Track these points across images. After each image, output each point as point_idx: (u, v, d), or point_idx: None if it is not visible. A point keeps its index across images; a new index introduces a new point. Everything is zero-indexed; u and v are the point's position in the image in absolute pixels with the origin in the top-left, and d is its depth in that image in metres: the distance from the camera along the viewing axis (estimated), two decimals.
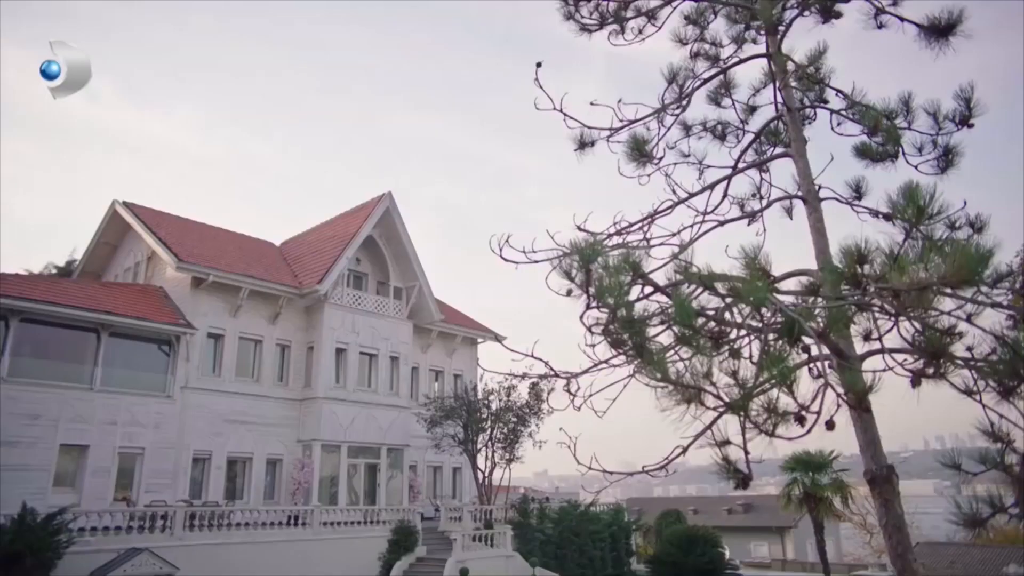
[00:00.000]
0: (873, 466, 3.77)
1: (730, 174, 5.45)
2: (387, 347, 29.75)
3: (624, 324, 3.33)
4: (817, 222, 4.45)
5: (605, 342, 3.84)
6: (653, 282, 3.46)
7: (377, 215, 30.32)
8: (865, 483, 19.62)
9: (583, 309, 3.46)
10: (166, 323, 24.48)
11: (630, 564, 33.55)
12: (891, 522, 3.78)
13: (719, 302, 3.34)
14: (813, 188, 4.78)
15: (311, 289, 27.60)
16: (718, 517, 50.00)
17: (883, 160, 5.01)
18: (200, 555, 20.02)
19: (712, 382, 3.06)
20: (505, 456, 30.19)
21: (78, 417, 21.95)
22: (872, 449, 3.77)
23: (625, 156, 5.65)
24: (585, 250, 3.17)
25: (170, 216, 30.35)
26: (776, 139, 5.98)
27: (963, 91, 4.80)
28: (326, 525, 23.96)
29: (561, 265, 3.32)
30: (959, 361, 3.20)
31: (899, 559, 3.78)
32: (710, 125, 6.11)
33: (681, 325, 2.95)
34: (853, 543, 56.20)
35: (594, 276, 3.20)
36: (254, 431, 26.13)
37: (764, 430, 2.91)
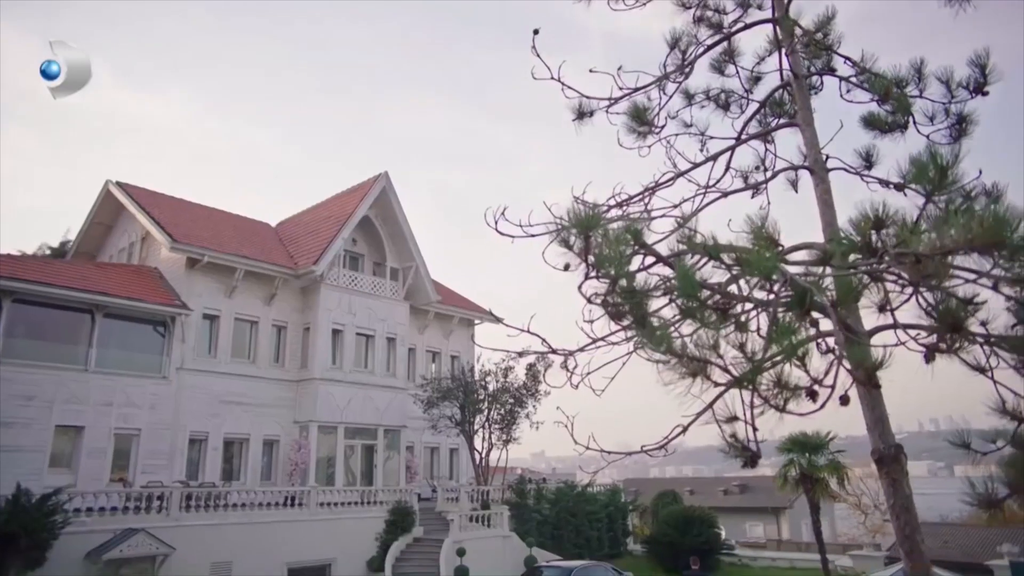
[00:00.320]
0: (881, 445, 3.65)
1: (733, 145, 5.27)
2: (384, 328, 29.63)
3: (625, 295, 3.17)
4: (824, 193, 4.29)
5: (604, 316, 3.71)
6: (655, 252, 3.31)
7: (373, 195, 30.07)
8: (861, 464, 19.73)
9: (582, 279, 3.31)
10: (161, 304, 24.31)
11: (626, 544, 33.73)
12: (899, 503, 3.67)
13: (723, 275, 3.20)
14: (820, 158, 4.61)
15: (307, 270, 27.41)
16: (714, 498, 50.17)
17: (892, 131, 4.84)
18: (197, 535, 20.00)
19: (719, 354, 2.92)
20: (502, 437, 30.21)
21: (73, 398, 21.83)
22: (880, 428, 3.64)
23: (625, 127, 5.48)
24: (584, 218, 3.01)
25: (164, 196, 30.06)
26: (781, 110, 5.79)
27: (978, 57, 4.61)
28: (323, 506, 23.96)
29: (559, 233, 3.16)
30: (976, 336, 3.06)
31: (907, 540, 3.67)
32: (713, 94, 5.90)
33: (685, 296, 2.81)
34: (848, 523, 56.53)
35: (593, 245, 3.04)
36: (250, 412, 26.05)
37: (774, 405, 2.77)
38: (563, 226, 3.11)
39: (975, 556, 26.33)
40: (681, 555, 28.24)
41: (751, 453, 2.97)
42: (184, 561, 19.25)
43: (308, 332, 28.02)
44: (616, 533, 32.85)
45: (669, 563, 28.55)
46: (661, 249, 3.32)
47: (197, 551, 19.80)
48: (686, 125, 5.66)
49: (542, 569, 21.63)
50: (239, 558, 20.78)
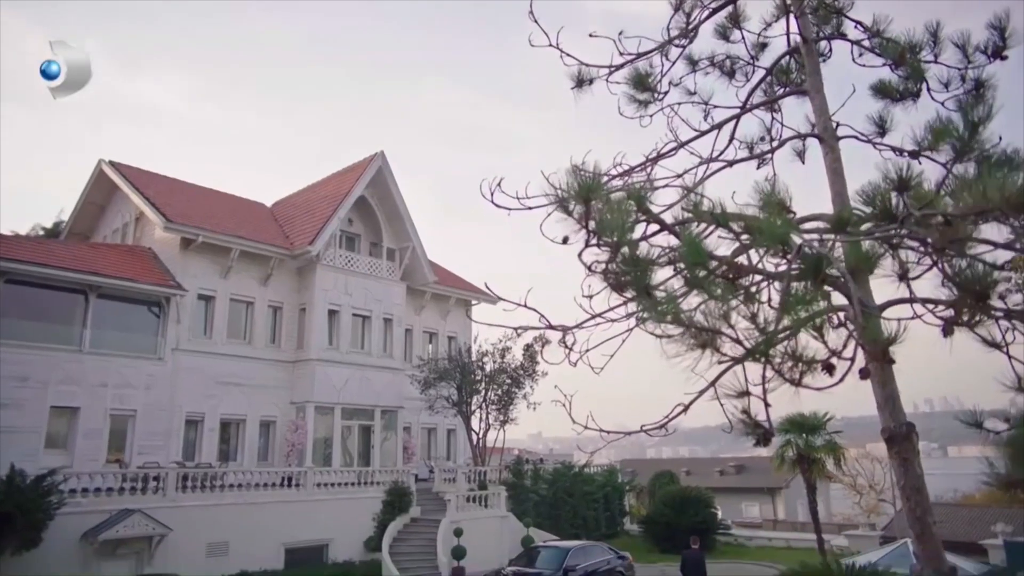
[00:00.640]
0: (892, 423, 3.50)
1: (738, 113, 5.07)
2: (380, 309, 29.47)
3: (628, 263, 3.01)
4: (834, 162, 4.11)
5: (604, 291, 3.55)
6: (659, 219, 3.14)
7: (369, 175, 29.78)
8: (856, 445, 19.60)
9: (582, 247, 3.14)
10: (155, 284, 24.12)
11: (623, 524, 33.87)
12: (910, 483, 3.54)
13: (730, 246, 3.05)
14: (830, 125, 4.43)
15: (303, 250, 27.20)
16: (710, 478, 50.43)
17: (904, 99, 4.66)
18: (193, 516, 19.98)
19: (730, 324, 2.76)
20: (499, 418, 30.18)
21: (68, 379, 21.71)
22: (890, 405, 3.50)
23: (626, 97, 5.28)
24: (585, 183, 2.84)
25: (158, 176, 29.76)
26: (787, 78, 5.58)
27: (998, 20, 4.42)
28: (320, 486, 23.94)
29: (558, 200, 2.98)
30: (996, 310, 2.91)
31: (918, 522, 3.55)
32: (718, 60, 5.69)
33: (692, 265, 2.66)
34: (842, 503, 56.90)
35: (594, 211, 2.88)
36: (247, 393, 25.95)
37: (789, 379, 2.62)
38: (562, 195, 2.94)
39: (969, 535, 26.40)
40: (677, 535, 28.29)
41: (764, 430, 2.81)
42: (180, 541, 19.24)
43: (304, 313, 27.86)
44: (613, 513, 32.97)
45: (666, 543, 28.64)
46: (665, 219, 3.16)
47: (194, 532, 19.78)
48: (689, 93, 5.46)
49: (539, 549, 21.66)
50: (236, 538, 20.77)
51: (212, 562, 20.00)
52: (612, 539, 28.49)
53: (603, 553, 21.33)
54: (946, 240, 2.70)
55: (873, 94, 4.71)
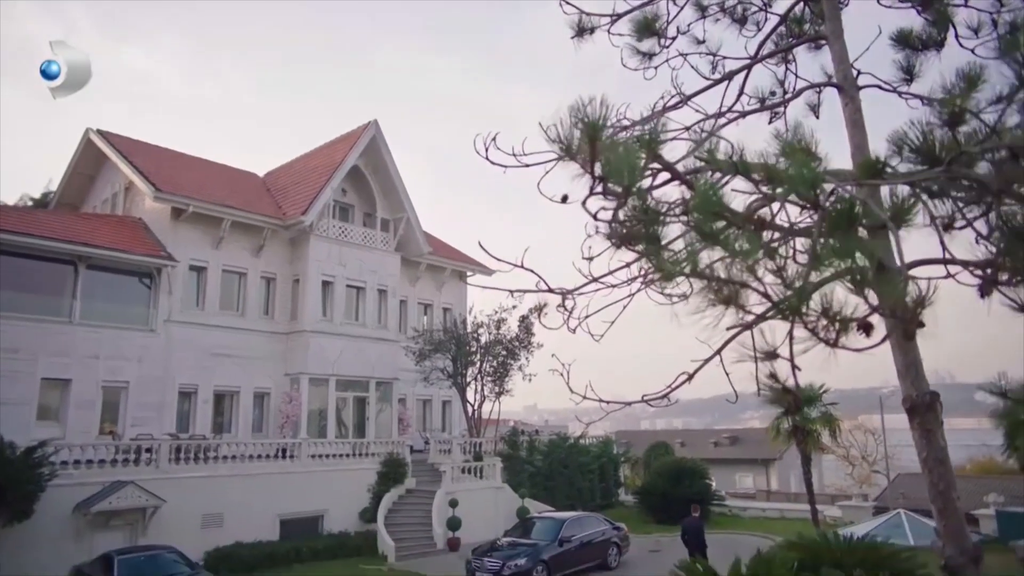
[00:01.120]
0: (914, 392, 3.29)
1: (750, 63, 4.78)
2: (375, 280, 29.20)
3: (638, 213, 2.76)
4: (854, 113, 3.84)
5: (607, 251, 3.31)
6: (671, 166, 2.87)
7: (363, 144, 29.32)
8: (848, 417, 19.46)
9: (586, 195, 2.88)
10: (146, 255, 23.79)
11: (618, 495, 34.00)
12: (932, 455, 3.34)
13: (745, 200, 2.79)
14: (850, 73, 4.14)
15: (295, 220, 26.84)
16: (705, 450, 50.57)
17: (927, 48, 4.38)
18: (187, 488, 19.88)
19: (757, 276, 2.51)
20: (494, 389, 30.10)
21: (59, 351, 21.48)
22: (913, 374, 3.28)
23: (629, 49, 4.96)
24: (591, 121, 2.58)
25: (147, 145, 29.28)
26: (800, 28, 5.27)
27: None
28: (314, 458, 23.87)
29: (559, 140, 2.71)
30: None
31: (940, 496, 3.35)
32: (729, 5, 5.36)
33: (710, 215, 2.41)
34: (835, 474, 57.38)
35: (600, 151, 2.62)
36: (241, 365, 25.77)
37: (825, 339, 2.39)
38: (564, 137, 2.67)
39: (962, 506, 26.51)
40: (672, 506, 28.36)
41: (792, 396, 2.57)
42: (175, 513, 19.16)
43: (298, 284, 27.59)
44: (608, 484, 33.08)
45: (660, 514, 28.72)
46: (677, 170, 2.89)
47: (188, 503, 19.70)
48: (698, 42, 5.15)
49: (535, 520, 21.67)
50: (231, 510, 20.71)
51: (207, 533, 19.96)
52: (607, 510, 28.58)
53: (598, 524, 21.34)
54: (1006, 181, 2.44)
55: (894, 43, 4.41)
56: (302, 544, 21.27)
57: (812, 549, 10.56)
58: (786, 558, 9.73)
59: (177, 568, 15.62)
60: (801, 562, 9.82)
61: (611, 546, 20.90)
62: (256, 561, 19.95)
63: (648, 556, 22.29)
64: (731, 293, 2.46)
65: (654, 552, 22.97)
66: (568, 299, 3.70)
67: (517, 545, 19.23)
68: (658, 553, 22.74)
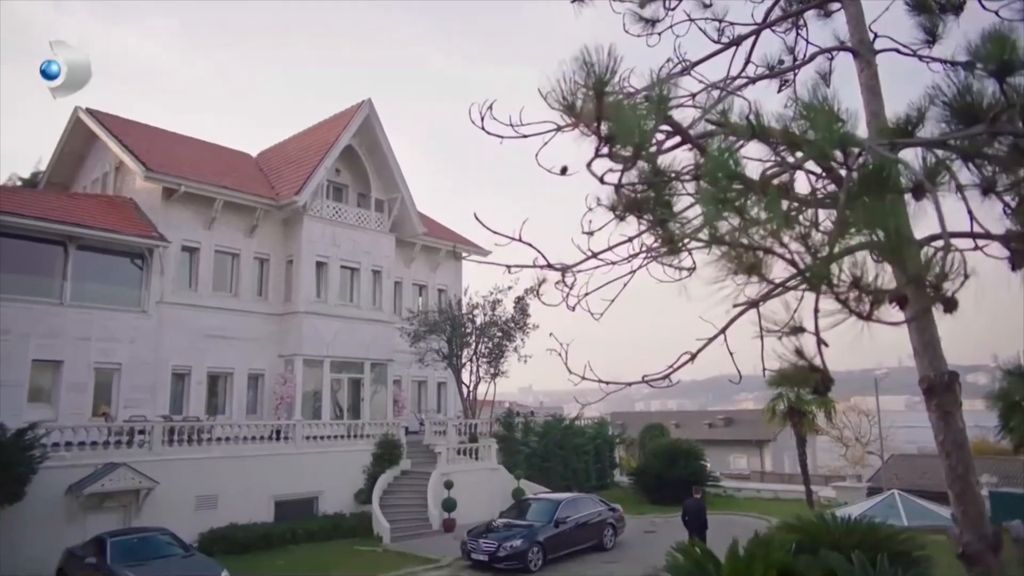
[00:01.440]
0: (931, 372, 3.13)
1: (758, 28, 4.56)
2: (369, 261, 28.97)
3: (651, 175, 2.57)
4: (870, 79, 3.65)
5: (609, 223, 3.13)
6: (681, 128, 2.67)
7: (356, 123, 28.96)
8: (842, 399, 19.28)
9: (591, 157, 2.69)
10: (137, 235, 23.50)
11: (613, 476, 34.06)
12: (951, 438, 3.18)
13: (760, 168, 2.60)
14: (867, 37, 3.94)
15: (289, 200, 26.55)
16: (699, 431, 50.65)
17: (944, 12, 4.18)
18: (180, 469, 19.77)
19: (782, 243, 2.32)
20: (490, 371, 30.01)
21: (50, 332, 21.27)
22: (930, 353, 3.11)
23: (631, 15, 4.74)
24: (598, 73, 2.38)
25: (139, 124, 28.88)
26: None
27: None
28: (309, 439, 23.79)
29: (560, 91, 2.52)
30: None
31: (959, 480, 3.21)
32: None
33: (726, 179, 2.23)
34: (828, 455, 57.68)
35: (607, 108, 2.43)
36: (234, 346, 25.59)
37: (858, 312, 2.21)
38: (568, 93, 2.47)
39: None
40: (667, 487, 28.44)
41: (821, 374, 2.39)
42: (169, 494, 19.07)
43: (291, 265, 27.36)
44: (603, 465, 33.12)
45: (656, 495, 28.80)
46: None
47: (182, 485, 19.61)
48: (704, 6, 4.91)
49: (530, 501, 21.64)
50: (225, 491, 20.64)
51: (201, 515, 19.90)
52: (602, 491, 28.61)
53: (594, 505, 21.34)
54: None
55: (909, 9, 4.20)
56: (297, 525, 21.24)
57: (810, 531, 10.53)
58: (784, 540, 9.68)
59: (170, 550, 15.53)
60: (799, 544, 9.79)
61: (607, 527, 20.91)
62: (251, 542, 19.90)
63: (643, 537, 22.33)
64: (755, 261, 2.27)
65: (649, 533, 23.03)
66: (568, 275, 3.53)
67: (513, 526, 19.20)
68: (653, 534, 22.80)
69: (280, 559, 19.09)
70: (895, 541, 10.22)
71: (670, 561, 9.51)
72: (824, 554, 8.78)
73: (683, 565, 9.37)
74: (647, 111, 2.50)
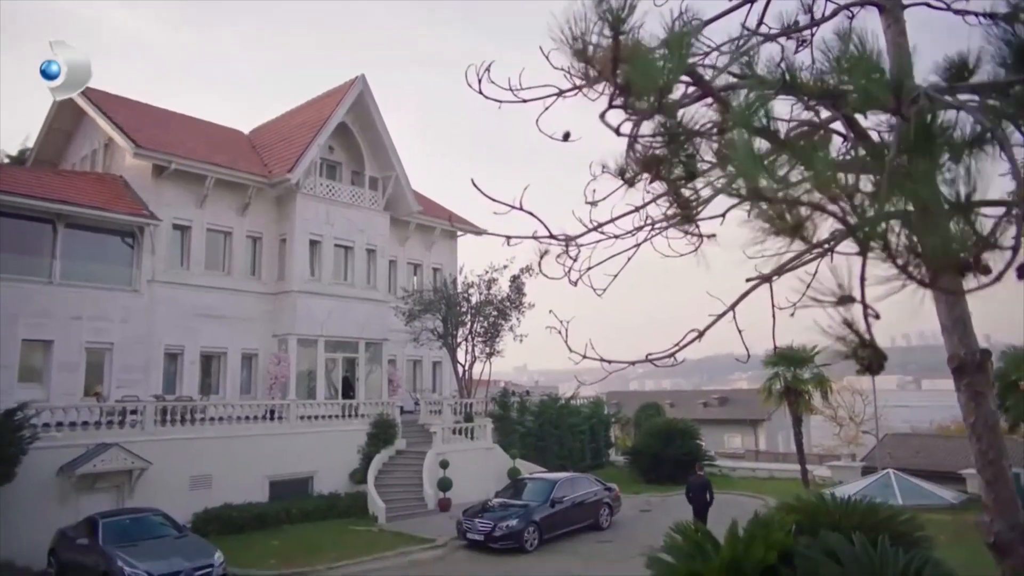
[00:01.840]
0: (962, 350, 2.92)
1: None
2: (363, 239, 28.66)
3: (674, 127, 2.34)
4: (898, 35, 3.39)
5: (618, 190, 2.91)
6: (703, 79, 2.42)
7: (350, 100, 28.50)
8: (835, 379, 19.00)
9: (606, 106, 2.44)
10: (127, 213, 23.14)
11: (608, 456, 34.11)
12: (982, 420, 2.99)
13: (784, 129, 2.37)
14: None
15: (281, 178, 26.17)
16: (694, 410, 50.79)
17: None
18: (173, 450, 19.61)
19: (832, 197, 2.07)
20: (485, 350, 29.87)
21: (40, 311, 20.98)
22: (960, 330, 2.89)
23: None
24: (614, 9, 2.13)
25: (128, 100, 28.38)
26: None
27: None
28: (304, 419, 23.65)
29: (569, 32, 2.27)
30: None
31: (989, 466, 3.02)
32: None
33: (754, 133, 2.01)
34: (821, 434, 57.94)
35: (623, 49, 2.19)
36: (227, 325, 25.34)
37: (919, 279, 1.98)
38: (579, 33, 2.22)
39: (946, 465, 26.76)
40: (663, 466, 28.49)
41: (873, 349, 2.14)
42: (162, 475, 18.93)
43: (284, 243, 27.03)
44: (599, 445, 33.13)
45: (651, 474, 28.84)
46: None
47: (175, 465, 19.46)
48: None
49: (526, 481, 21.59)
50: (219, 471, 20.51)
51: (195, 495, 19.77)
52: (597, 470, 28.62)
53: (590, 485, 21.29)
54: None
55: None
56: (292, 505, 21.16)
57: (810, 511, 10.41)
58: (784, 520, 9.55)
59: (163, 531, 15.41)
60: (799, 524, 9.66)
61: (602, 507, 20.89)
62: (245, 522, 19.83)
63: (639, 516, 22.34)
64: (799, 220, 2.04)
65: (645, 512, 23.04)
66: (571, 247, 3.30)
67: (508, 506, 19.15)
68: (649, 513, 22.81)
69: (275, 539, 19.00)
70: (895, 522, 10.11)
71: (668, 542, 9.38)
72: (824, 535, 8.65)
73: (682, 546, 9.24)
74: (665, 59, 2.26)
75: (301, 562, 16.73)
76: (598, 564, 16.77)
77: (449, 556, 18.04)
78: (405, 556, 17.69)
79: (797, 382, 27.34)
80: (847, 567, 7.96)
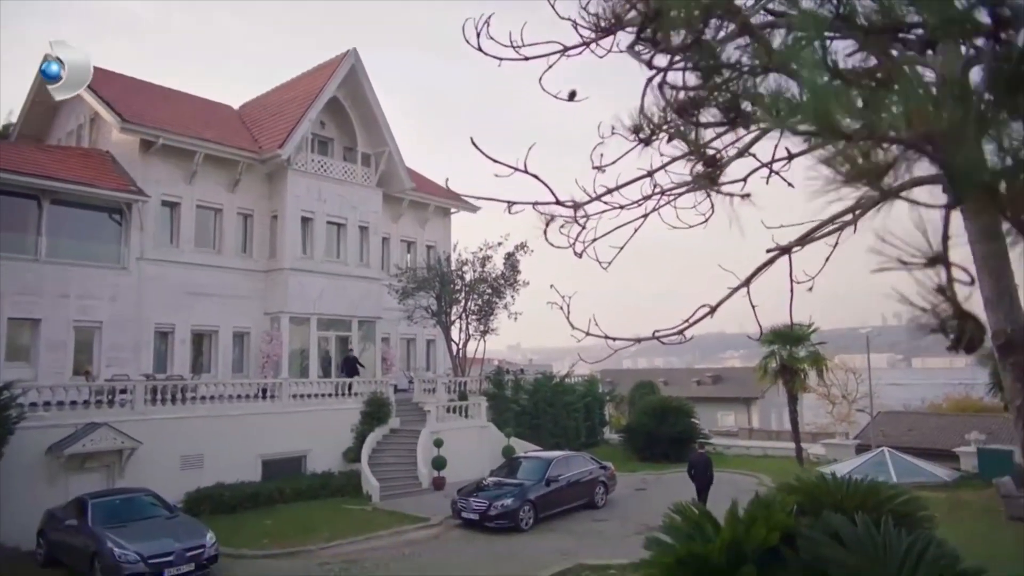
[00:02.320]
0: (1008, 326, 2.65)
1: None
2: (356, 216, 28.29)
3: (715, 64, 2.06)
4: None
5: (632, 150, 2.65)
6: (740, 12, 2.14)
7: (341, 74, 27.98)
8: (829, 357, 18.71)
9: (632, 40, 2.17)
10: (114, 189, 22.73)
11: (603, 434, 34.05)
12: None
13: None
14: None
15: (272, 154, 25.73)
16: (688, 389, 50.83)
17: None
18: (164, 429, 19.35)
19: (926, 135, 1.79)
20: (479, 328, 29.67)
21: (26, 289, 20.65)
22: (1006, 304, 2.63)
23: None
24: None
25: (114, 74, 27.72)
26: None
27: None
28: (296, 398, 23.42)
29: None
30: None
31: None
32: None
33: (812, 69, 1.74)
34: (814, 412, 58.20)
35: None
36: (218, 303, 25.03)
37: None
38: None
39: (939, 443, 26.79)
40: (657, 444, 28.45)
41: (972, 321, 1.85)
42: (152, 454, 18.69)
43: (276, 220, 26.66)
44: (593, 423, 33.04)
45: (646, 452, 28.78)
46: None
47: (165, 444, 19.21)
48: None
49: (521, 460, 21.46)
50: (211, 451, 20.27)
51: (187, 474, 19.56)
52: (592, 448, 28.56)
53: (585, 463, 21.18)
54: None
55: None
56: (285, 485, 20.99)
57: (811, 492, 10.25)
58: (785, 501, 9.39)
59: (154, 511, 15.19)
60: (800, 505, 9.51)
61: (598, 485, 20.78)
62: (238, 502, 19.66)
63: (635, 494, 22.27)
64: (886, 160, 1.76)
65: (640, 490, 22.98)
66: (579, 213, 3.04)
67: (503, 485, 19.01)
68: (644, 491, 22.76)
69: (268, 518, 18.85)
70: (897, 502, 9.97)
71: (667, 522, 9.22)
72: (827, 516, 8.49)
73: (681, 526, 9.08)
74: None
75: (294, 541, 16.58)
76: (594, 543, 16.68)
77: (444, 535, 17.93)
78: (399, 535, 17.57)
79: (793, 360, 27.25)
80: (850, 548, 7.80)
